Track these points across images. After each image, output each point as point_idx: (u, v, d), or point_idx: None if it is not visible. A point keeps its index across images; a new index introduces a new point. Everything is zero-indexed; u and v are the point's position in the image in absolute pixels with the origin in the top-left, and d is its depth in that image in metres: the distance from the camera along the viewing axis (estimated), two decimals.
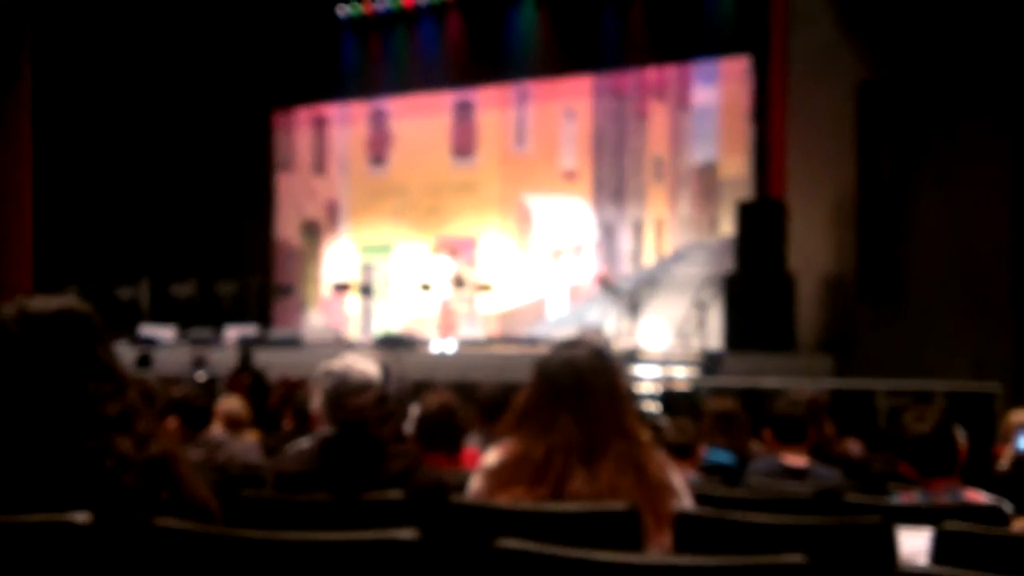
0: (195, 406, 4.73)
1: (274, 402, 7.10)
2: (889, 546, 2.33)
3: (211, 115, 16.83)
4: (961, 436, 3.21)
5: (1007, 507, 2.99)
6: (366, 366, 2.47)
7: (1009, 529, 2.77)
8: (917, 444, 3.09)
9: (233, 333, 14.05)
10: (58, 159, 15.54)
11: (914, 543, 2.36)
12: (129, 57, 16.04)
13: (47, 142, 15.46)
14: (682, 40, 14.29)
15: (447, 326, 14.67)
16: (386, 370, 2.49)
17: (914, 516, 2.68)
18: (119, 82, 16.04)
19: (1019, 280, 9.09)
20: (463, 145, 16.22)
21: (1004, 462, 4.95)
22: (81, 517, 1.53)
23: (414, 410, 3.83)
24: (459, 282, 14.03)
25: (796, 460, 4.14)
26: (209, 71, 16.57)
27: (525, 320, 15.17)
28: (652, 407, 8.83)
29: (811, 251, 11.75)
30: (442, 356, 12.84)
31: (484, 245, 15.83)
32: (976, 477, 3.78)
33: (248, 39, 16.35)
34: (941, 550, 2.23)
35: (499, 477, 2.35)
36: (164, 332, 14.34)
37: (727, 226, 12.88)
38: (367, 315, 14.77)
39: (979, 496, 3.08)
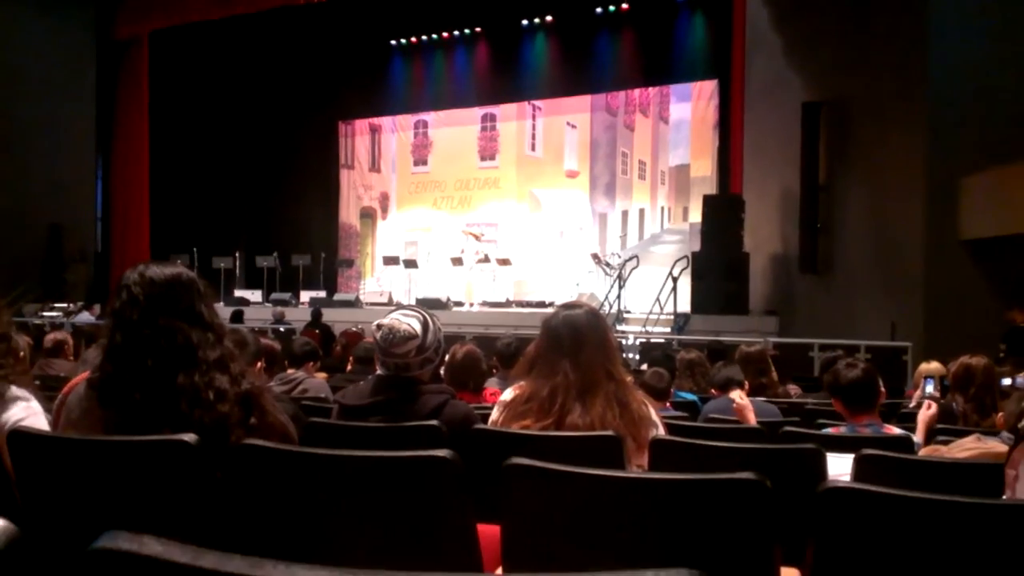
0: (277, 352, 4.73)
1: (338, 350, 7.13)
2: (820, 467, 2.33)
3: (291, 126, 16.85)
4: (880, 382, 3.19)
5: (915, 438, 2.97)
6: (409, 322, 2.45)
7: (916, 455, 2.76)
8: (849, 386, 3.07)
9: (306, 296, 14.11)
10: (170, 158, 15.59)
11: (840, 465, 2.35)
12: (230, 78, 16.05)
13: (162, 144, 15.50)
14: (662, 67, 14.25)
15: (473, 291, 14.66)
16: (424, 325, 2.47)
17: (841, 444, 2.68)
18: (222, 99, 16.06)
19: (928, 259, 8.98)
20: (488, 150, 16.18)
21: (913, 403, 4.92)
22: (189, 438, 1.54)
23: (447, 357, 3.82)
24: (483, 257, 14.00)
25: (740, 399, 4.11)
26: (290, 91, 16.59)
27: (535, 287, 15.16)
28: (634, 357, 8.81)
29: (762, 235, 11.68)
30: (469, 314, 12.84)
31: (504, 228, 15.80)
32: (891, 415, 3.76)
33: (320, 66, 16.30)
34: (861, 471, 2.22)
35: (513, 410, 2.35)
36: (252, 295, 14.40)
37: (696, 215, 12.80)
38: (411, 282, 14.77)
39: (893, 429, 3.07)
